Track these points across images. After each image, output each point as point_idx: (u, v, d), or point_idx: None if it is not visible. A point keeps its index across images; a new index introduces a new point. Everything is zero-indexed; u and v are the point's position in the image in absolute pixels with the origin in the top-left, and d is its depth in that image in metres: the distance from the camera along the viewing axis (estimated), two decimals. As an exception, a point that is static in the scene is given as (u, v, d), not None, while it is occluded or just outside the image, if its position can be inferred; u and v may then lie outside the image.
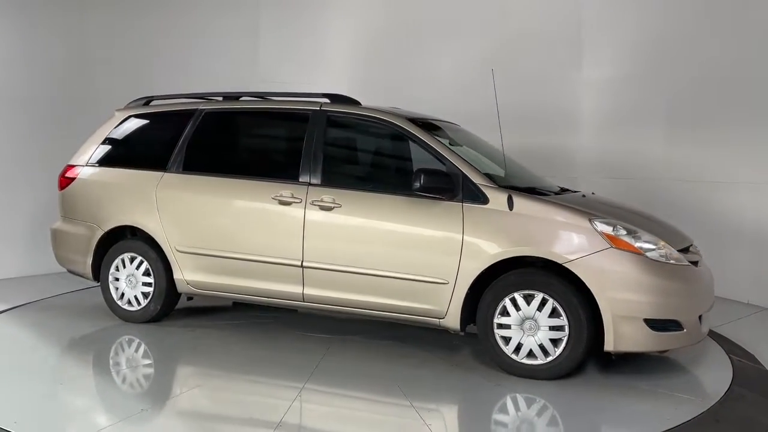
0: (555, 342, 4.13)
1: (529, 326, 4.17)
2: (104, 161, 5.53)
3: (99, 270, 5.41)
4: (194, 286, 5.12)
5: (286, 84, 6.33)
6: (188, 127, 5.25)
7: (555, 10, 7.88)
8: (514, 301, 4.20)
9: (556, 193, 4.72)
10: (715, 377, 4.41)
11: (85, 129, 5.80)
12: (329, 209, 4.64)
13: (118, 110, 5.69)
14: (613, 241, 4.05)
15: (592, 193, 5.05)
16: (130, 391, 4.13)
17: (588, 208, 4.37)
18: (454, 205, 4.35)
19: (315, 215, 4.67)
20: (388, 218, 4.53)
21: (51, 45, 7.14)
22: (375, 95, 5.13)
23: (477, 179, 4.37)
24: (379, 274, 4.51)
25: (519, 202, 4.26)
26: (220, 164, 5.29)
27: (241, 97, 5.39)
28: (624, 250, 4.03)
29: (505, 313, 4.23)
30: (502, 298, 4.22)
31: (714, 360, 4.75)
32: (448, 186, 4.34)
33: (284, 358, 4.64)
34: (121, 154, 5.65)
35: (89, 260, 5.43)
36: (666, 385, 4.20)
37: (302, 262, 4.70)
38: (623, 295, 3.98)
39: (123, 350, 4.84)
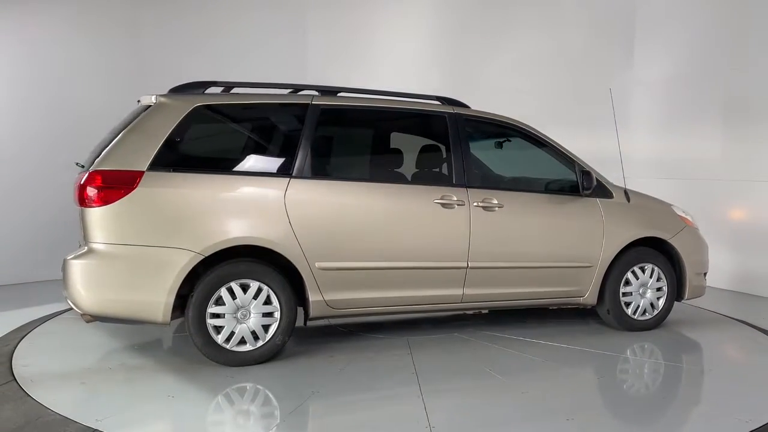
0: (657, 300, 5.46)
1: (642, 291, 5.38)
2: (181, 164, 4.19)
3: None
4: (336, 306, 4.50)
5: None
6: (306, 124, 4.48)
7: (609, 9, 8.15)
8: (633, 273, 5.34)
9: None
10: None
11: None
12: (492, 210, 4.84)
13: (164, 96, 4.32)
14: (685, 220, 5.60)
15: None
16: None
17: None
18: (592, 200, 5.19)
19: (480, 217, 4.80)
20: (546, 215, 5.04)
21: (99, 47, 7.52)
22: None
23: (601, 178, 5.30)
24: (538, 265, 5.01)
25: (631, 195, 5.39)
26: (356, 168, 4.74)
27: (338, 92, 4.83)
28: (690, 226, 5.63)
29: (626, 283, 5.32)
30: (625, 272, 5.30)
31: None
32: (593, 185, 5.14)
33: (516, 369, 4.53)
34: (208, 155, 4.40)
35: (170, 297, 4.08)
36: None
37: (467, 263, 4.77)
38: (695, 258, 5.55)
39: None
